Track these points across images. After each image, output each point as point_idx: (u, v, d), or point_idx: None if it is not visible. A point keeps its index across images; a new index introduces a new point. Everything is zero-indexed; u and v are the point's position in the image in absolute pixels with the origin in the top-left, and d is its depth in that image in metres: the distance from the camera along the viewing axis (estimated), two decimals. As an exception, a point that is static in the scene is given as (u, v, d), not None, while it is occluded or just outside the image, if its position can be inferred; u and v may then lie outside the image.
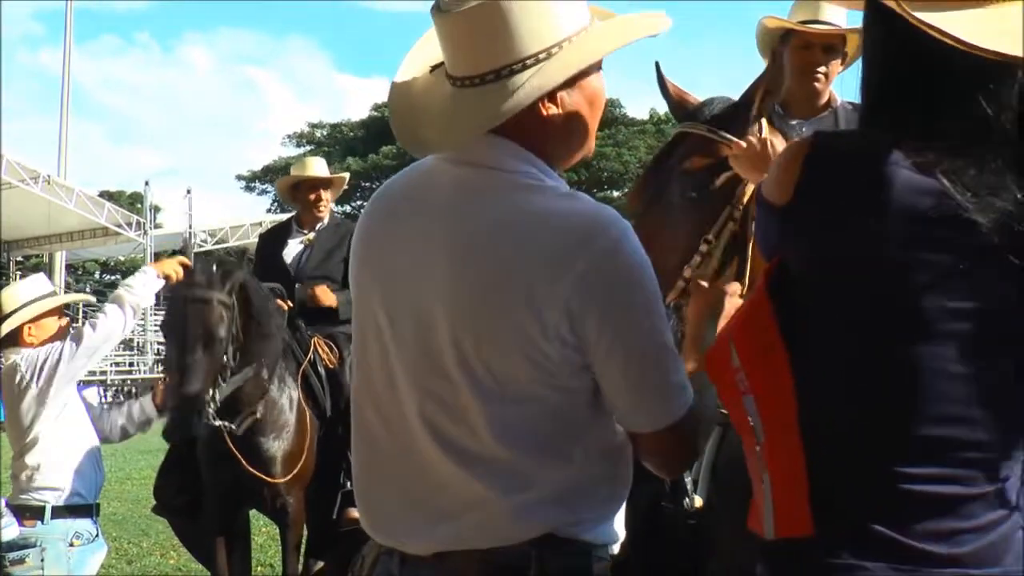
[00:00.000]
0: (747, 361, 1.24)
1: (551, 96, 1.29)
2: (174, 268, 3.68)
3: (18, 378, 3.31)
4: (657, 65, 2.13)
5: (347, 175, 5.10)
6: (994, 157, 1.15)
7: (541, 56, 1.26)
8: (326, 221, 4.70)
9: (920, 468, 1.15)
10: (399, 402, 1.34)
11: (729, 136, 1.94)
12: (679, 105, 2.12)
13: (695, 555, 1.98)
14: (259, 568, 5.81)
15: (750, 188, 1.88)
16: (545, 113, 1.30)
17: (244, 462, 3.77)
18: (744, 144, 1.88)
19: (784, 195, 1.22)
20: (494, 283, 1.25)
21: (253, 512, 4.41)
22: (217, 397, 3.60)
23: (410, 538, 1.34)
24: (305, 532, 4.22)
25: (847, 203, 1.18)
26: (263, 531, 6.29)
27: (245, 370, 3.76)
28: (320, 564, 4.29)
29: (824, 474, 1.18)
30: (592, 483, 1.33)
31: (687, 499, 1.94)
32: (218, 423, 3.66)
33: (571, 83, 1.31)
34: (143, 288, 3.53)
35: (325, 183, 4.70)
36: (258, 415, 3.83)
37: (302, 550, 4.19)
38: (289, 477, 3.89)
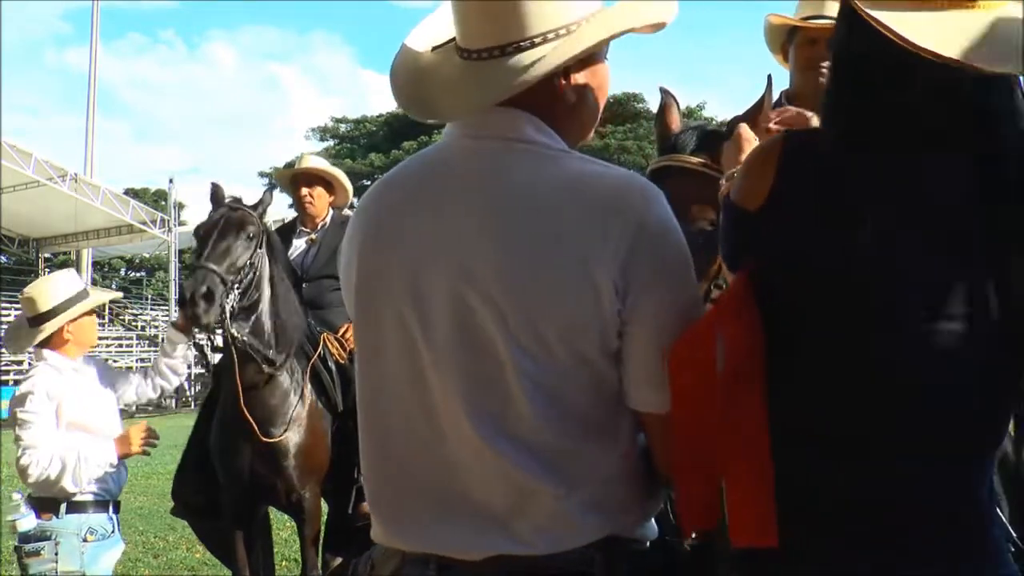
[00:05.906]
0: (732, 354, 1.20)
1: (566, 74, 1.32)
2: (137, 442, 3.45)
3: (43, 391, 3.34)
4: (665, 92, 2.10)
5: (342, 174, 4.75)
6: (960, 151, 1.15)
7: (561, 32, 1.29)
8: (328, 220, 4.64)
9: (885, 461, 1.14)
10: (428, 395, 1.28)
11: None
12: (664, 135, 2.10)
13: None
14: (284, 563, 5.87)
15: None
16: (560, 90, 1.33)
17: (256, 429, 3.78)
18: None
19: (757, 199, 1.22)
20: (542, 251, 1.22)
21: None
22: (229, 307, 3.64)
23: (458, 544, 1.27)
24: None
25: (821, 202, 1.17)
26: (287, 526, 6.34)
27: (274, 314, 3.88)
28: (339, 560, 4.31)
29: (792, 474, 1.17)
30: (637, 472, 1.30)
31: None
32: (233, 329, 3.71)
33: (584, 65, 1.34)
34: (97, 468, 3.35)
35: (312, 179, 4.58)
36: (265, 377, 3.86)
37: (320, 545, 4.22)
38: (302, 471, 3.90)
